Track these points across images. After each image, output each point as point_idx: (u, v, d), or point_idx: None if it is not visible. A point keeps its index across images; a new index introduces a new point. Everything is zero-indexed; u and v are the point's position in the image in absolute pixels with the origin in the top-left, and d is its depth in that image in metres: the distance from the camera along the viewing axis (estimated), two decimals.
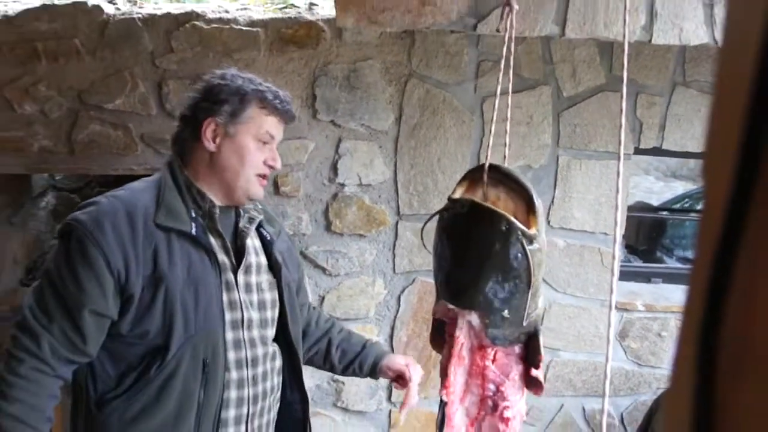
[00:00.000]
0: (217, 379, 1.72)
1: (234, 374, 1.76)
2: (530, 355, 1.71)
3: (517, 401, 1.73)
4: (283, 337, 1.91)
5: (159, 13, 2.80)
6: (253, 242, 1.86)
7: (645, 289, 3.37)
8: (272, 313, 1.87)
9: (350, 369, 2.14)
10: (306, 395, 1.99)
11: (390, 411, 3.21)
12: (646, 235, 4.71)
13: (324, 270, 3.02)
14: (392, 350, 3.12)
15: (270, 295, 1.87)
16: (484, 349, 1.71)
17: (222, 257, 1.75)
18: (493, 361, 1.72)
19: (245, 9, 2.91)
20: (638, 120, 3.01)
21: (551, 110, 2.97)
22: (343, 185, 2.94)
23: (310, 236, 2.98)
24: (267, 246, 1.90)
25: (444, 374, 1.76)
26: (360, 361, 2.11)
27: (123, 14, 2.78)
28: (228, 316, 1.75)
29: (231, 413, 1.77)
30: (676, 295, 3.32)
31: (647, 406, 3.23)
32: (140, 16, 2.78)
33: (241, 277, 1.79)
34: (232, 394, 1.76)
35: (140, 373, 1.70)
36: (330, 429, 3.18)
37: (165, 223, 1.68)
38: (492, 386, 1.73)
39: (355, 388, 3.15)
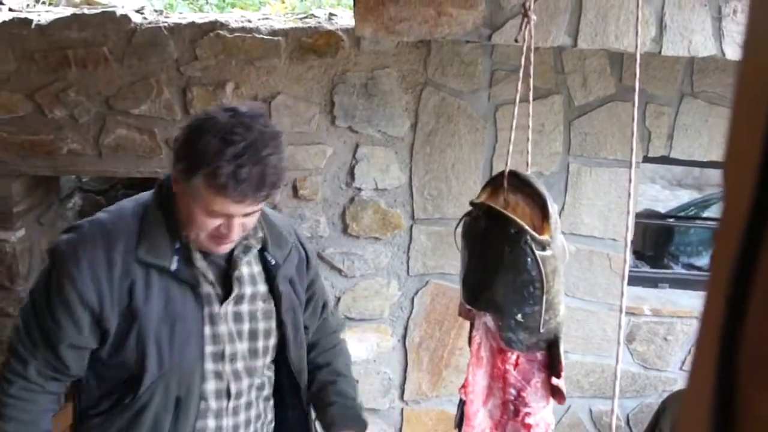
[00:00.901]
0: (189, 414, 1.69)
1: (213, 404, 1.73)
2: (552, 364, 1.76)
3: (540, 409, 1.73)
4: (283, 361, 1.86)
5: (184, 22, 2.89)
6: (251, 269, 1.76)
7: (652, 294, 3.43)
8: (265, 342, 1.79)
9: (317, 416, 2.01)
10: (308, 415, 1.96)
11: (402, 409, 3.29)
12: (653, 242, 4.78)
13: (340, 271, 3.10)
14: (405, 350, 3.21)
15: (264, 324, 1.79)
16: (505, 353, 1.74)
17: (207, 289, 1.68)
18: (515, 366, 1.74)
19: (267, 19, 3.00)
20: (647, 129, 3.08)
21: (562, 119, 3.05)
22: (359, 189, 3.03)
23: (328, 238, 3.07)
24: (270, 271, 1.79)
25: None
26: (321, 416, 1.96)
27: (150, 23, 2.88)
28: (210, 349, 1.70)
29: None
30: (682, 300, 3.38)
31: (653, 409, 3.30)
32: (166, 25, 2.87)
33: (229, 308, 1.71)
34: (210, 423, 1.74)
35: (118, 399, 1.71)
36: None
37: (145, 259, 1.62)
38: (513, 391, 1.73)
39: (369, 386, 3.23)
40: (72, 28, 2.84)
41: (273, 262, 1.78)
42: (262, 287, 1.78)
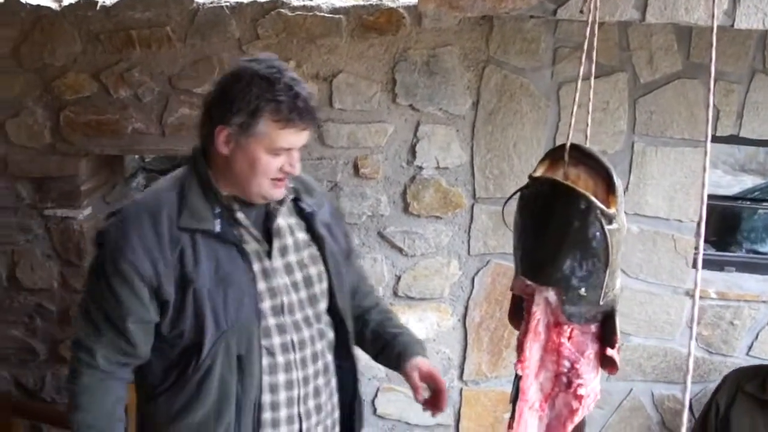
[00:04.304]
0: (254, 371, 1.75)
1: (280, 358, 1.78)
2: (606, 335, 1.73)
3: (591, 380, 1.72)
4: (330, 306, 1.91)
5: (246, 1, 2.89)
6: (287, 221, 1.84)
7: (718, 277, 3.35)
8: (320, 287, 1.87)
9: (380, 357, 2.08)
10: (355, 363, 1.99)
11: (461, 389, 3.28)
12: (716, 226, 4.67)
13: (401, 250, 3.10)
14: (465, 330, 3.19)
15: (315, 269, 1.87)
16: (560, 326, 1.71)
17: (253, 247, 1.76)
18: (569, 338, 1.72)
19: None
20: (715, 107, 3.00)
21: (627, 97, 2.98)
22: (420, 168, 3.01)
23: (388, 217, 3.06)
24: (307, 219, 1.88)
25: (520, 349, 1.79)
26: (388, 352, 2.02)
27: (212, 3, 2.89)
28: (267, 303, 1.76)
29: (281, 396, 1.80)
30: (749, 284, 3.31)
31: None
32: (228, 4, 2.89)
33: (278, 261, 1.79)
34: (280, 378, 1.79)
35: (180, 371, 1.76)
36: (402, 404, 3.26)
37: (189, 225, 1.70)
38: (567, 363, 1.72)
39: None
40: (136, 9, 2.88)
41: (308, 210, 1.88)
42: (302, 235, 1.87)
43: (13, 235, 3.13)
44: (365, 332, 2.07)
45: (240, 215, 1.75)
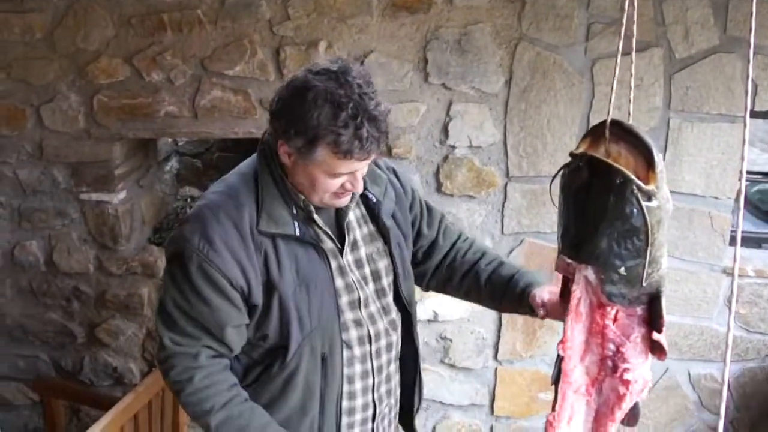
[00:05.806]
0: (336, 367, 1.77)
1: (357, 351, 1.81)
2: (653, 318, 1.70)
3: (639, 365, 1.67)
4: (396, 296, 1.93)
5: None
6: (354, 213, 1.83)
7: (756, 255, 3.30)
8: (387, 280, 1.88)
9: (503, 305, 2.00)
10: (417, 350, 2.03)
11: (496, 369, 3.28)
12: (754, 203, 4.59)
13: None
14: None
15: (382, 263, 1.86)
16: (604, 308, 1.69)
17: (329, 245, 1.75)
18: (614, 321, 1.69)
19: None
20: (753, 81, 2.94)
21: (663, 72, 2.93)
22: (453, 147, 3.00)
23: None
24: (372, 209, 1.85)
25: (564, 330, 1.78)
26: (511, 291, 1.91)
27: None
28: (345, 299, 1.77)
29: (357, 386, 1.84)
30: None
31: (755, 373, 3.20)
32: None
33: (349, 257, 1.79)
34: (357, 368, 1.82)
35: (264, 369, 1.78)
36: (437, 384, 3.27)
37: (269, 230, 1.66)
38: (612, 346, 1.69)
39: (463, 346, 3.23)
40: None
41: (374, 200, 1.84)
42: (369, 227, 1.85)
43: (50, 219, 3.18)
44: (480, 283, 1.98)
45: (316, 216, 1.73)
